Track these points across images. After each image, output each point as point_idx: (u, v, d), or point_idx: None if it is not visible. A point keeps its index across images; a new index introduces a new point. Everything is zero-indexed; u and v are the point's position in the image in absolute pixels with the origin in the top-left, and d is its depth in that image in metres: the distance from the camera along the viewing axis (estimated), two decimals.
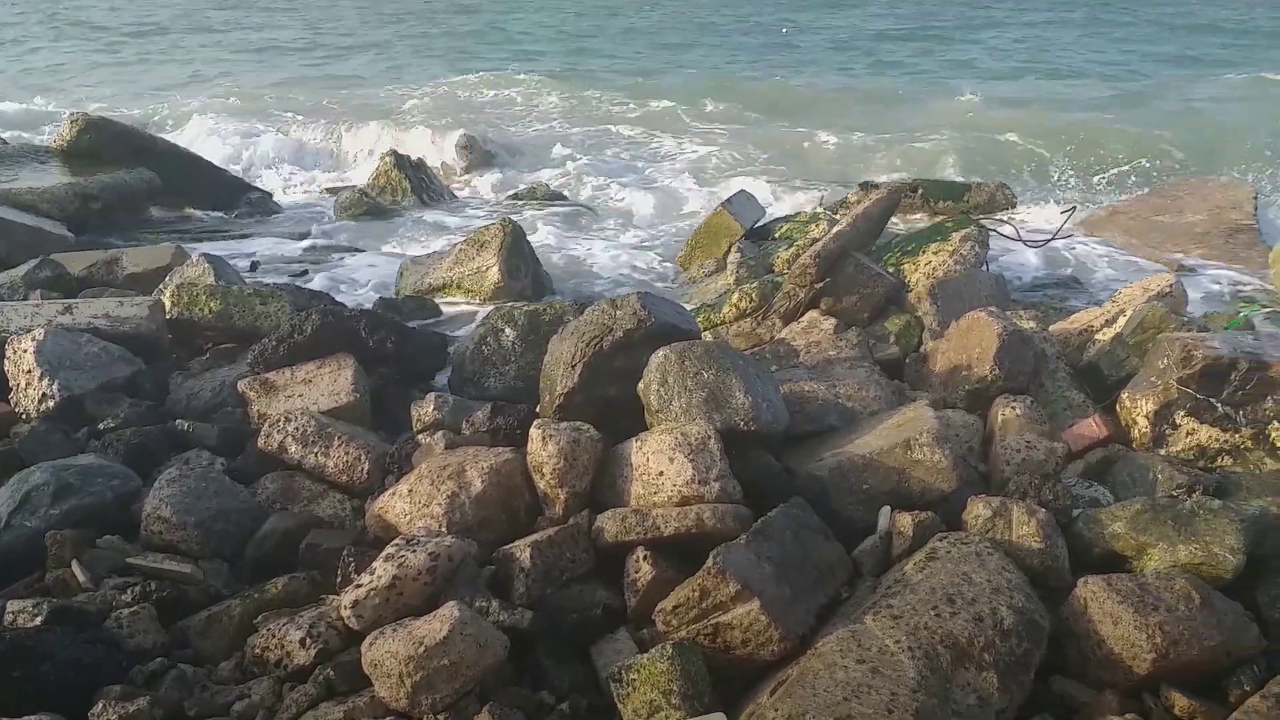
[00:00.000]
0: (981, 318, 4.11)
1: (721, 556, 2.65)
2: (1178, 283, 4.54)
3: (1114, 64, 18.99)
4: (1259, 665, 2.66)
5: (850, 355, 4.43)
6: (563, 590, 2.96)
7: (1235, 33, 22.94)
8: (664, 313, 3.71)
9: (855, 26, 24.21)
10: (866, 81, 17.27)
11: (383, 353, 4.41)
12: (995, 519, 2.99)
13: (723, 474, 3.05)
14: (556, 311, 4.65)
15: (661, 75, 17.49)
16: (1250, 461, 3.45)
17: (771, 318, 5.23)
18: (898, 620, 2.56)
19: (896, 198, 5.72)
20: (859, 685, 2.37)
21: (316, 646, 2.78)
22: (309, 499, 3.72)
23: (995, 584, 2.68)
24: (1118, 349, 4.05)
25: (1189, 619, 2.58)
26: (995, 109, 14.13)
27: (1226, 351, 3.49)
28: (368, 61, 18.83)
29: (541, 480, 3.23)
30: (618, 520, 3.02)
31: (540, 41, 20.75)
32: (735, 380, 3.37)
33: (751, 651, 2.61)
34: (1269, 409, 3.42)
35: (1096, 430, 3.62)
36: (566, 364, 3.64)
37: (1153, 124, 12.43)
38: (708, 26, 23.80)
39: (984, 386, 3.98)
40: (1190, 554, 2.84)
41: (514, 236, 6.30)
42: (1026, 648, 2.54)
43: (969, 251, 6.00)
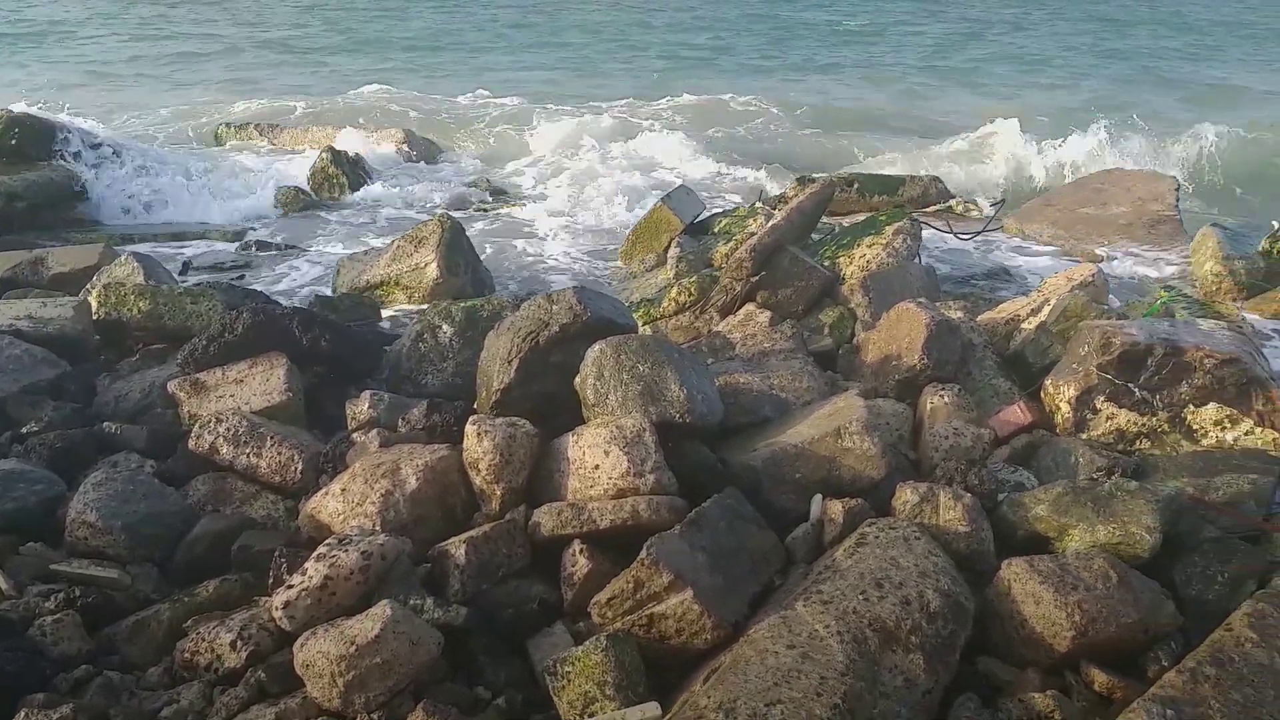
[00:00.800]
0: (910, 309, 4.20)
1: (654, 548, 2.68)
2: (1099, 273, 4.68)
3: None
4: (1176, 641, 2.77)
5: (785, 347, 4.49)
6: (499, 586, 2.96)
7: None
8: (600, 307, 3.72)
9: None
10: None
11: (316, 351, 4.35)
12: (923, 504, 3.06)
13: (658, 466, 3.08)
14: (495, 308, 4.64)
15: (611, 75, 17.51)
16: (1167, 444, 3.58)
17: (709, 311, 5.28)
18: (827, 605, 2.61)
19: (829, 192, 5.80)
20: (789, 670, 2.41)
21: (248, 649, 2.74)
22: (241, 500, 3.66)
23: (922, 568, 2.74)
24: (1042, 337, 4.17)
25: (1107, 597, 2.67)
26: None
27: (1143, 338, 3.61)
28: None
29: (477, 476, 3.22)
30: (554, 514, 3.02)
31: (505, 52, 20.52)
32: (671, 373, 3.40)
33: (686, 641, 2.64)
34: (1184, 393, 3.55)
35: (1021, 416, 3.72)
36: (503, 360, 3.63)
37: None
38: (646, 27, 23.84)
39: (913, 375, 4.06)
40: (1109, 534, 2.94)
41: (452, 232, 6.26)
42: (952, 629, 2.61)
43: (901, 244, 6.10)
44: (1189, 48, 21.91)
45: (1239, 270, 6.20)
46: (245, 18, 23.65)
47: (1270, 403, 3.48)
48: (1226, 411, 3.50)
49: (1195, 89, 16.59)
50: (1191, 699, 2.40)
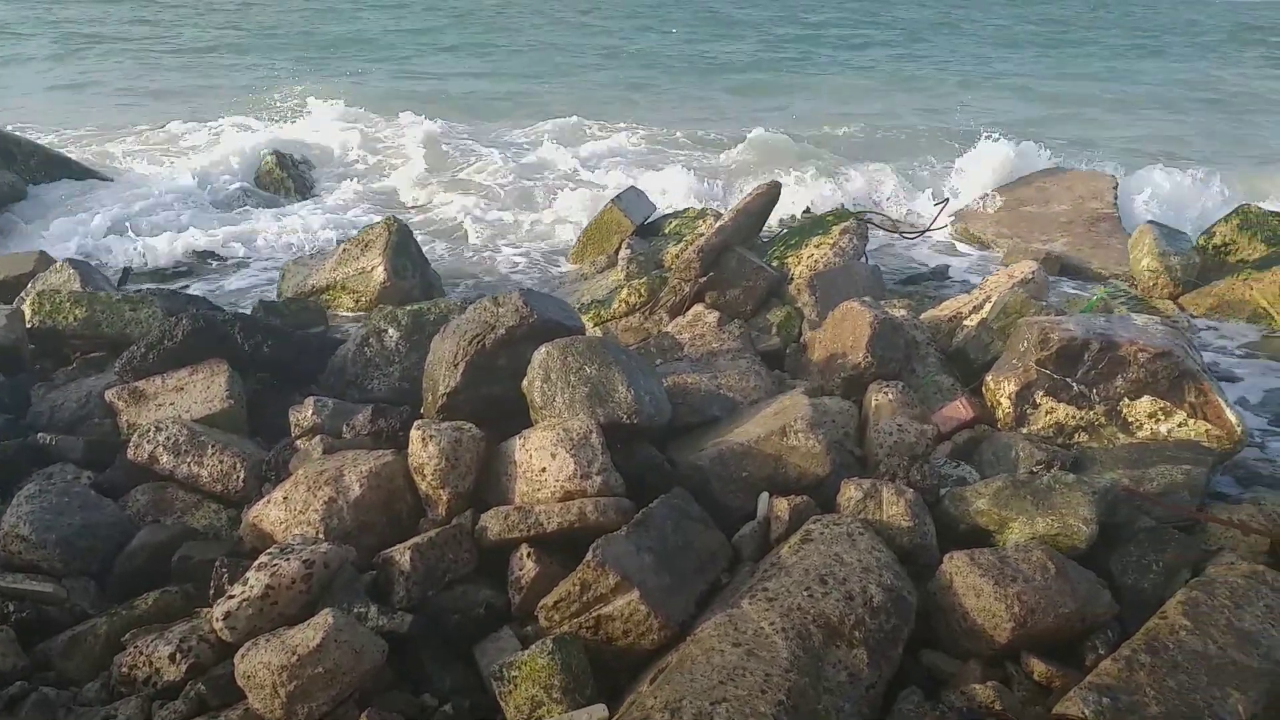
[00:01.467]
0: (855, 307, 4.25)
1: (601, 549, 2.67)
2: (1039, 270, 4.77)
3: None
4: (1113, 630, 2.83)
5: (733, 347, 4.51)
6: (446, 591, 2.94)
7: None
8: (547, 309, 3.71)
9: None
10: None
11: (259, 357, 4.28)
12: (866, 500, 3.09)
13: (604, 468, 3.07)
14: (442, 311, 4.60)
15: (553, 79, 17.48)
16: (1104, 437, 3.65)
17: (659, 312, 5.29)
18: (772, 603, 2.63)
19: (775, 193, 5.85)
20: (734, 668, 2.42)
21: (187, 661, 2.69)
22: (183, 510, 3.60)
23: (865, 563, 2.77)
24: (983, 334, 4.24)
25: (1045, 588, 2.73)
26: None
27: (1080, 333, 3.69)
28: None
29: (423, 482, 3.20)
30: (500, 518, 3.01)
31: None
32: (618, 375, 3.40)
33: (633, 641, 2.64)
34: (1120, 387, 3.63)
35: (964, 412, 3.78)
36: (449, 363, 3.61)
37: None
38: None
39: (859, 373, 4.11)
40: (1048, 526, 3.00)
41: (399, 235, 6.19)
42: (895, 623, 2.64)
43: (848, 244, 6.18)
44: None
45: (1175, 266, 6.36)
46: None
47: (1202, 395, 3.57)
48: (1160, 404, 3.58)
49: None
50: (1127, 686, 2.46)
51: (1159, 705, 2.40)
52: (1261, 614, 2.76)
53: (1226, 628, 2.68)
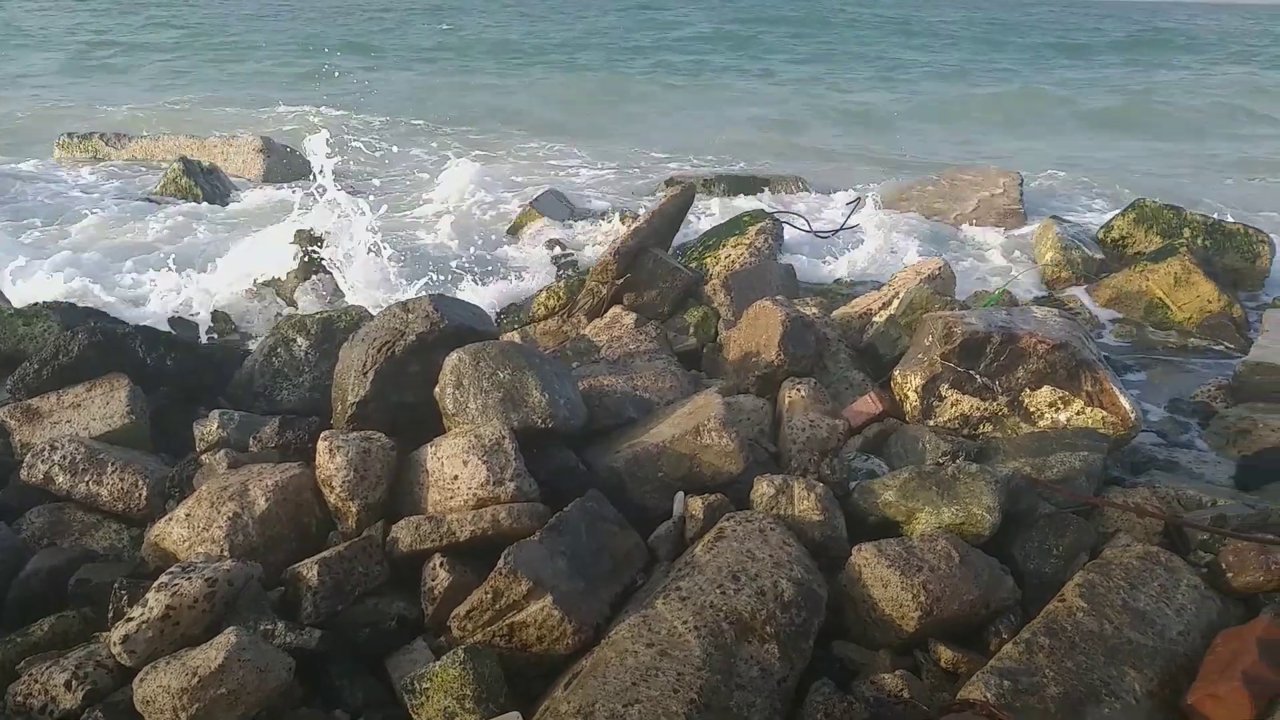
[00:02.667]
0: (767, 306, 4.30)
1: (512, 556, 2.66)
2: (946, 265, 4.89)
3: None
4: (1015, 614, 2.91)
5: (650, 348, 4.53)
6: (356, 605, 2.88)
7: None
8: (458, 314, 3.67)
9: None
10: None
11: (162, 371, 4.15)
12: (778, 496, 3.13)
13: (518, 473, 3.05)
14: (353, 318, 4.52)
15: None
16: (1007, 427, 3.76)
17: (577, 315, 5.28)
18: (685, 601, 2.64)
19: (690, 194, 5.89)
20: (648, 669, 2.43)
21: (84, 688, 2.59)
22: (81, 531, 3.46)
23: (777, 558, 2.81)
24: (891, 329, 4.33)
25: (949, 576, 2.80)
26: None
27: (982, 327, 3.79)
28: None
29: (332, 494, 3.13)
30: (412, 529, 2.97)
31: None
32: (532, 379, 3.38)
33: (548, 647, 2.63)
34: (1020, 378, 3.74)
35: (873, 406, 3.85)
36: (358, 371, 3.54)
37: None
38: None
39: (772, 371, 4.16)
40: (953, 515, 3.07)
41: (311, 241, 6.07)
42: (805, 616, 2.68)
43: (763, 244, 6.27)
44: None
45: (1076, 258, 6.59)
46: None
47: (1099, 383, 3.70)
48: (1059, 393, 3.70)
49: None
50: (1027, 668, 2.53)
51: (1057, 686, 2.48)
52: (1155, 594, 2.87)
53: (1122, 608, 2.78)
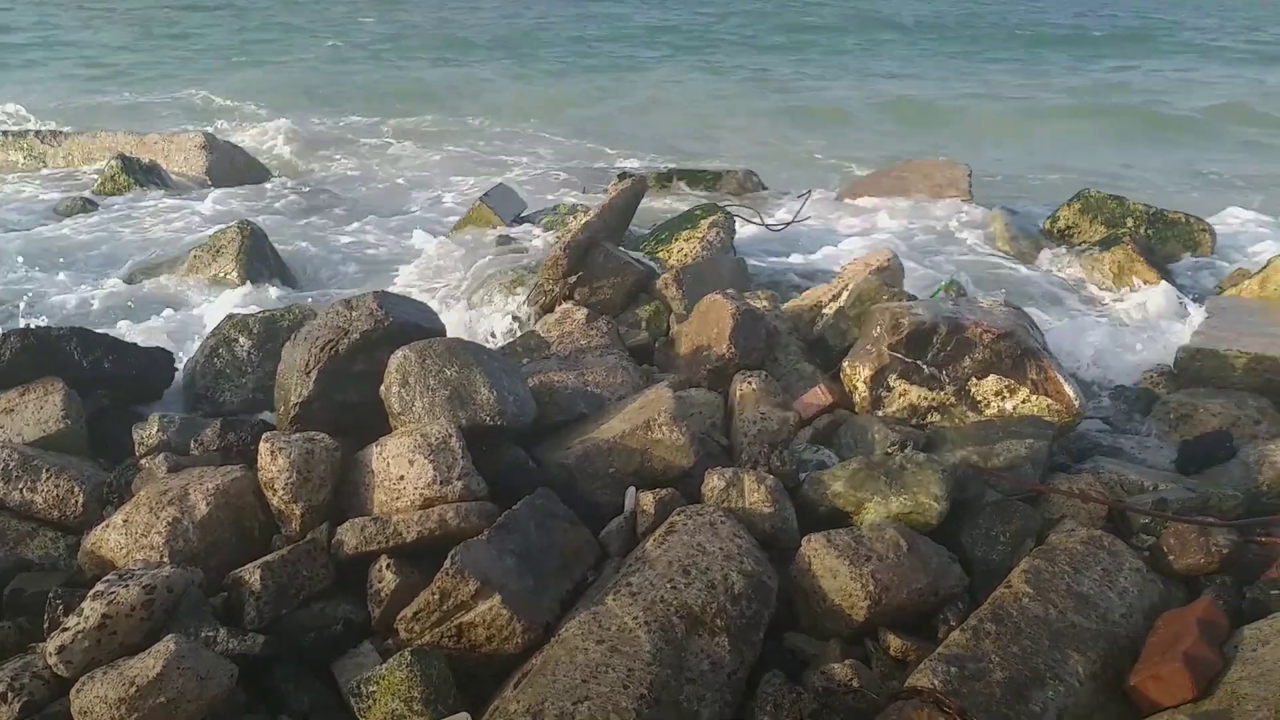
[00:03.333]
0: (717, 300, 4.30)
1: (459, 556, 2.62)
2: (894, 257, 4.93)
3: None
4: (963, 601, 2.94)
5: (601, 343, 4.50)
6: (301, 609, 2.83)
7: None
8: (403, 311, 3.62)
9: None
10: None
11: (99, 373, 4.04)
12: (729, 489, 3.13)
13: (465, 472, 3.02)
14: (296, 317, 4.44)
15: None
16: (955, 416, 3.80)
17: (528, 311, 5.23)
18: (636, 597, 2.63)
19: (641, 188, 5.87)
20: (597, 666, 2.41)
21: (20, 700, 2.51)
22: (15, 540, 3.35)
23: (727, 551, 2.81)
24: (840, 321, 4.36)
25: (898, 565, 2.81)
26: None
27: (928, 317, 3.82)
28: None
29: (274, 496, 3.07)
30: (357, 531, 2.92)
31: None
32: (479, 376, 3.34)
33: (497, 647, 2.60)
34: (967, 367, 3.78)
35: (823, 398, 3.87)
36: (301, 371, 3.48)
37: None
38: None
39: (723, 364, 4.16)
40: (901, 505, 3.09)
41: (253, 239, 5.96)
42: (756, 609, 2.68)
43: (715, 238, 6.27)
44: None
45: (1024, 248, 6.68)
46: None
47: (1043, 372, 3.75)
48: (1005, 382, 3.75)
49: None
50: (974, 654, 2.56)
51: (1003, 671, 2.50)
52: (1099, 577, 2.92)
53: (1066, 592, 2.82)
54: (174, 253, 6.85)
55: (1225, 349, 4.85)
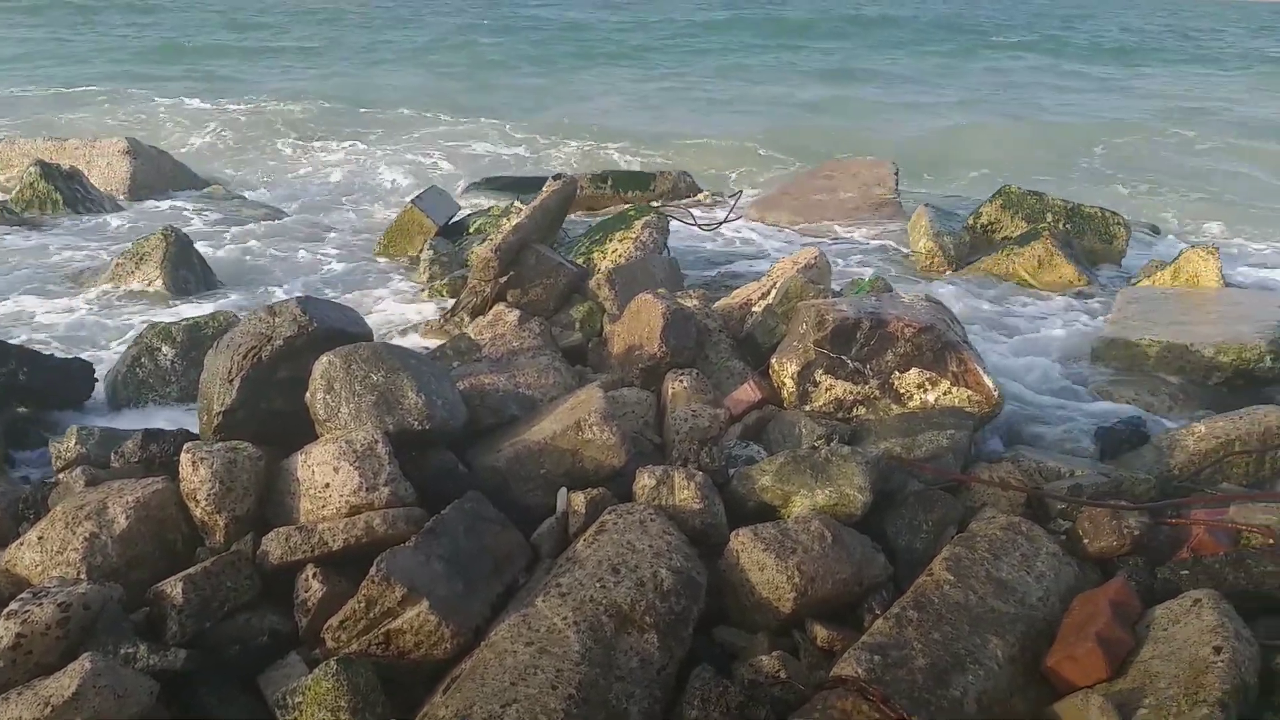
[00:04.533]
0: (648, 299, 4.32)
1: (385, 563, 2.60)
2: (821, 255, 5.00)
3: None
4: (888, 590, 3.00)
5: (533, 345, 4.50)
6: (226, 622, 2.78)
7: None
8: (328, 316, 3.58)
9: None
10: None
11: (14, 386, 3.93)
12: (659, 487, 3.15)
13: (392, 478, 3.00)
14: (221, 324, 4.36)
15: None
16: (879, 409, 3.88)
17: (460, 314, 5.21)
18: (565, 597, 2.64)
19: (571, 189, 5.88)
20: (526, 668, 2.41)
21: None
22: None
23: (657, 548, 2.83)
24: (768, 318, 4.42)
25: (823, 556, 2.86)
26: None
27: (852, 313, 3.90)
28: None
29: (197, 508, 3.02)
30: (282, 540, 2.88)
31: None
32: (407, 380, 3.32)
33: (426, 653, 2.59)
34: (890, 361, 3.86)
35: (752, 394, 3.92)
36: (223, 379, 3.42)
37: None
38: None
39: (655, 363, 4.19)
40: (826, 497, 3.14)
41: (178, 246, 5.83)
42: (685, 604, 2.71)
43: (649, 238, 6.30)
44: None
45: (947, 244, 6.83)
46: None
47: (963, 364, 3.84)
48: (927, 375, 3.83)
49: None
50: (897, 642, 2.61)
51: (925, 657, 2.56)
52: (1017, 563, 3.00)
53: (986, 578, 2.90)
54: (95, 262, 6.69)
55: (1139, 337, 5.04)
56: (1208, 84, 20.46)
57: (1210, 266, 6.03)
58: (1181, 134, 14.46)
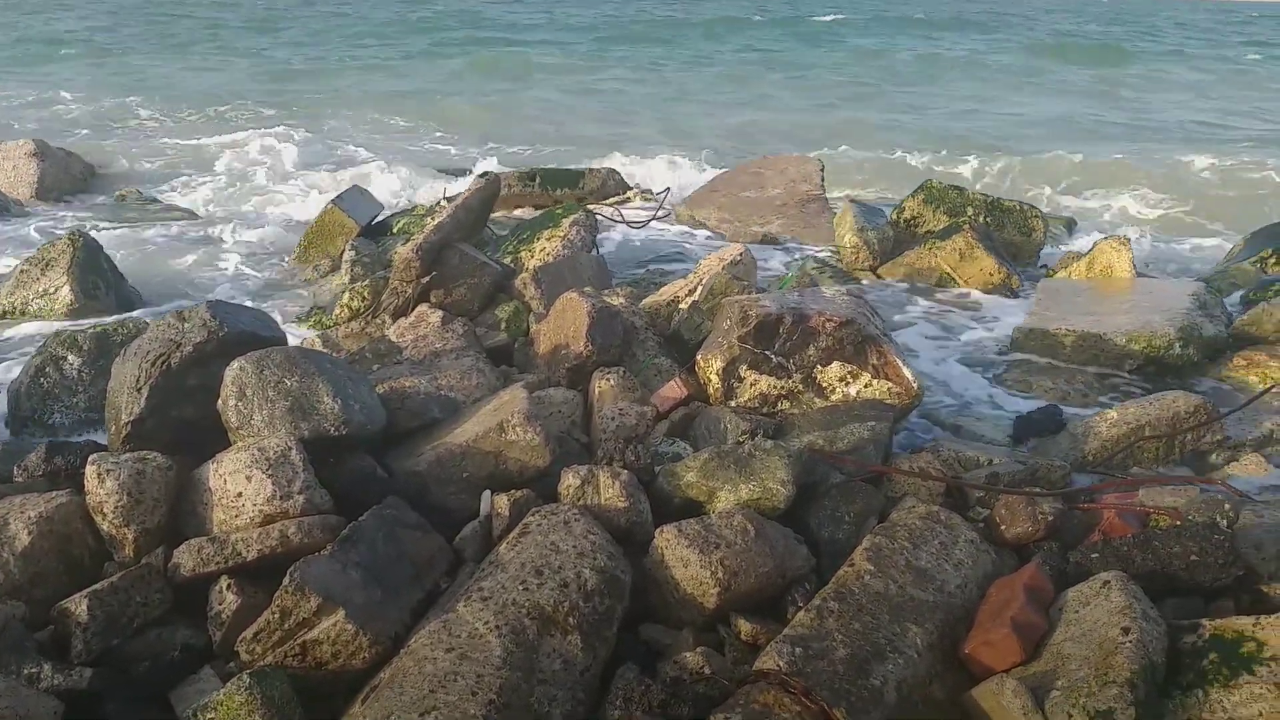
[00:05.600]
0: (573, 298, 4.30)
1: (299, 572, 2.55)
2: (746, 251, 5.04)
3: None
4: (810, 582, 3.02)
5: (457, 346, 4.44)
6: (136, 638, 2.70)
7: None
8: (240, 321, 3.49)
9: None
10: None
11: None
12: (584, 486, 3.13)
13: (307, 485, 2.93)
14: (130, 331, 4.22)
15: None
16: (803, 403, 3.91)
17: (382, 316, 5.13)
18: (487, 601, 2.60)
19: (495, 187, 5.82)
20: (446, 674, 2.38)
21: None
22: None
23: (580, 548, 2.81)
24: (694, 315, 4.43)
25: (745, 550, 2.87)
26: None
27: (775, 309, 3.93)
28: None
29: (104, 521, 2.91)
30: (194, 552, 2.80)
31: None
32: (322, 385, 3.25)
33: (344, 663, 2.54)
34: (812, 355, 3.90)
35: (678, 391, 3.92)
36: (131, 388, 3.31)
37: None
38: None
39: (581, 362, 4.17)
40: (750, 491, 3.16)
41: (86, 251, 5.63)
42: (609, 604, 2.69)
43: (577, 236, 6.28)
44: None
45: (872, 240, 6.93)
46: None
47: (883, 356, 3.90)
48: (848, 368, 3.88)
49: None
50: (818, 634, 2.63)
51: (846, 648, 2.59)
52: (936, 551, 3.05)
53: (906, 567, 2.94)
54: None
55: (1055, 327, 5.17)
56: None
57: (1123, 257, 6.21)
58: None
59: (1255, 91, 20.49)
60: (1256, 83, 21.94)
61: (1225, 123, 16.11)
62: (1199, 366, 5.00)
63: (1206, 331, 5.06)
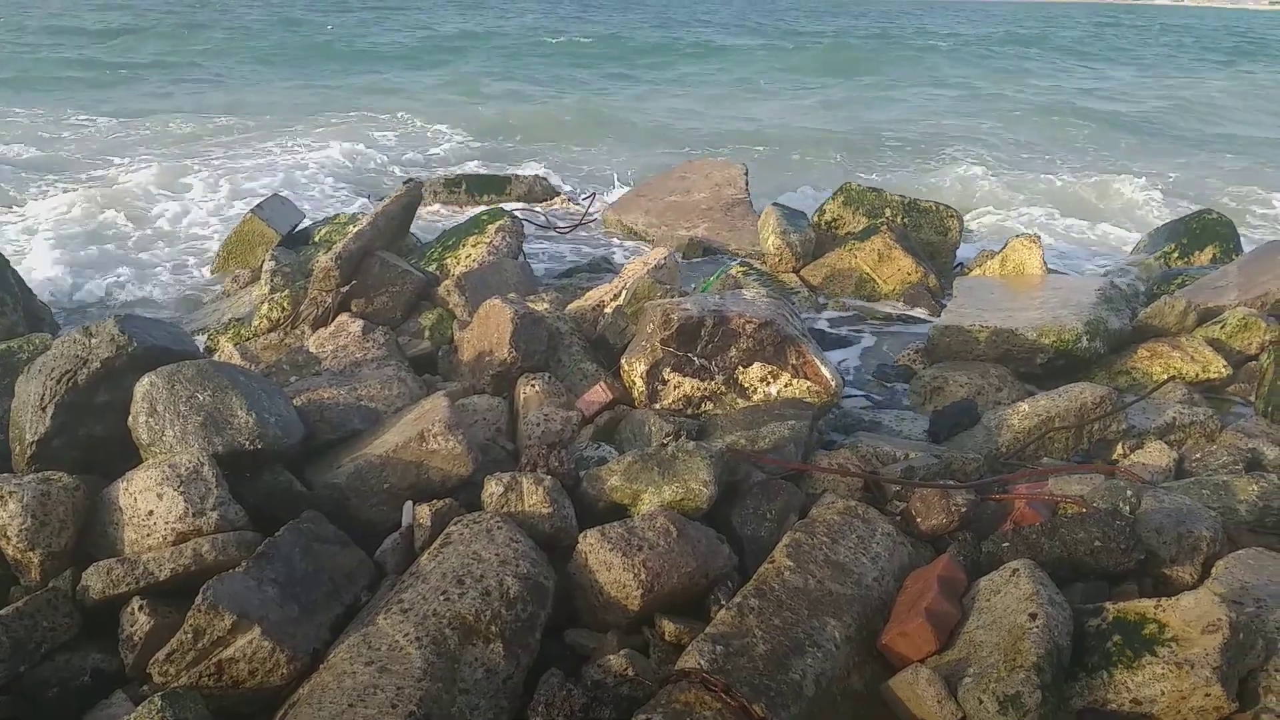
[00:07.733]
0: (497, 305, 4.29)
1: (211, 590, 2.50)
2: (670, 255, 5.08)
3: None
4: (733, 580, 3.06)
5: (378, 355, 4.40)
6: (44, 663, 2.62)
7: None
8: (150, 335, 3.40)
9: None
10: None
11: None
12: (508, 493, 3.13)
13: (221, 501, 2.88)
14: (36, 347, 4.09)
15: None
16: (726, 404, 3.96)
17: (301, 326, 5.04)
18: (407, 613, 2.59)
19: (416, 194, 5.78)
20: (366, 688, 2.36)
21: None
22: None
23: (503, 556, 2.81)
24: (618, 319, 4.45)
25: (668, 552, 2.90)
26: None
27: (696, 312, 3.97)
28: None
29: (8, 545, 2.82)
30: (103, 574, 2.73)
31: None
32: (236, 398, 3.19)
33: (261, 680, 2.50)
34: (734, 356, 3.95)
35: (603, 395, 3.94)
36: (35, 407, 3.21)
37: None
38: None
39: (506, 369, 4.16)
40: (673, 493, 3.19)
41: None
42: (531, 610, 2.69)
43: (502, 242, 6.26)
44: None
45: (795, 243, 7.04)
46: None
47: (802, 356, 3.97)
48: (769, 368, 3.94)
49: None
50: (738, 631, 2.67)
51: (766, 644, 2.63)
52: (854, 545, 3.12)
53: (824, 562, 2.99)
54: None
55: (969, 324, 5.31)
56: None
57: (1034, 255, 6.41)
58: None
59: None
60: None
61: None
62: (1104, 359, 5.18)
63: (1112, 325, 5.25)
